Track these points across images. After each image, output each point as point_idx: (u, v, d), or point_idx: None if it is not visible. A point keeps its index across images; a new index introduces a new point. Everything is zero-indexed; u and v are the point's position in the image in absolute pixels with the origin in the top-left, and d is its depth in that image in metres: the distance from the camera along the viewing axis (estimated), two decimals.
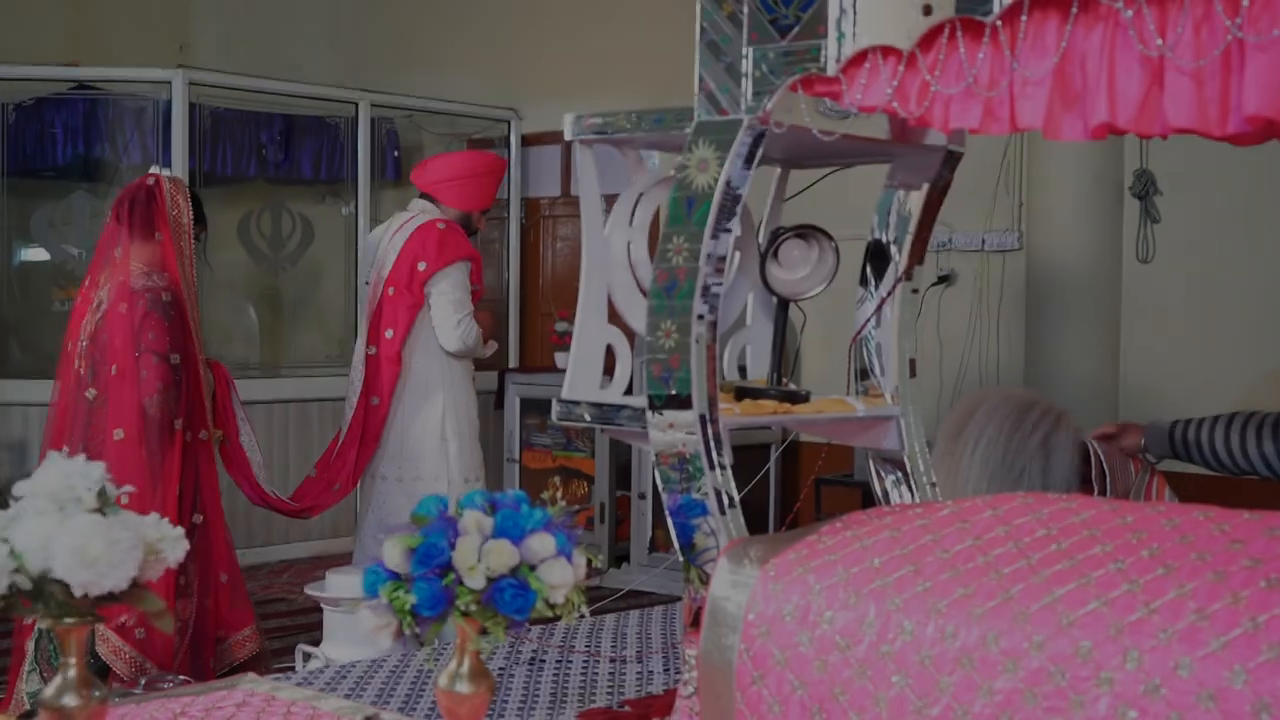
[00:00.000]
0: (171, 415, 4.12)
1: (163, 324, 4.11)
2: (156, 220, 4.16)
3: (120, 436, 4.07)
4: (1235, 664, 1.79)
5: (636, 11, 7.88)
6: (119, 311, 4.10)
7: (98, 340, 4.12)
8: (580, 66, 8.26)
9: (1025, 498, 2.23)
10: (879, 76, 2.17)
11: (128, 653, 4.10)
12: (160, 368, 4.10)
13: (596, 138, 2.59)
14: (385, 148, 8.50)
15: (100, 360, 4.11)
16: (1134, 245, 6.25)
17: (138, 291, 4.12)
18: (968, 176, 6.32)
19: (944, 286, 6.86)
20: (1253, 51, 1.86)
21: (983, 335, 6.77)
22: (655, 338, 2.34)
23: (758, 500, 6.92)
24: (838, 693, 2.08)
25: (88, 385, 4.12)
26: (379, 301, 5.06)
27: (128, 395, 4.07)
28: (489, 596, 2.22)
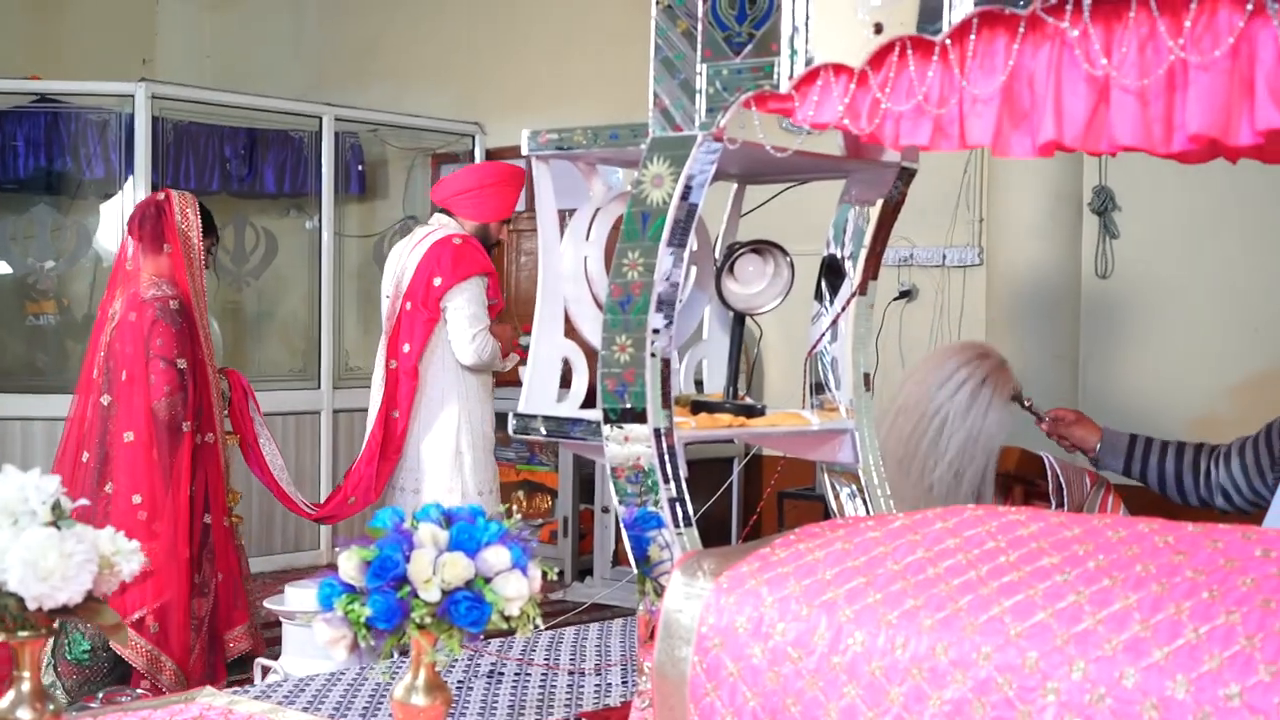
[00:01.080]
0: (180, 418, 4.28)
1: (170, 330, 4.28)
2: (166, 234, 4.35)
3: (130, 439, 4.25)
4: (1178, 674, 1.81)
5: (601, 27, 7.91)
6: (129, 320, 4.31)
7: (111, 350, 4.32)
8: (545, 81, 8.28)
9: (976, 510, 2.26)
10: (830, 93, 2.20)
11: (144, 647, 4.17)
12: (168, 372, 4.26)
13: (553, 153, 2.61)
14: (349, 162, 8.50)
15: (114, 368, 4.30)
16: (1093, 261, 6.31)
17: (147, 301, 4.31)
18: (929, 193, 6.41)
19: (905, 301, 6.90)
20: (1195, 71, 1.90)
21: None
22: (610, 352, 2.36)
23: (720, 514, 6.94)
24: (790, 703, 2.10)
25: (103, 392, 4.31)
26: (397, 316, 5.12)
27: (138, 400, 4.25)
28: (444, 609, 2.23)
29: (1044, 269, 6.21)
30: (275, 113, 8.14)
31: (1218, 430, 3.43)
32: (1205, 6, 1.89)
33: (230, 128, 8.09)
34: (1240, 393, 5.68)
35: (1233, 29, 1.86)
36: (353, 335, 8.49)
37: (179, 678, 4.23)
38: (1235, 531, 2.03)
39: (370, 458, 4.98)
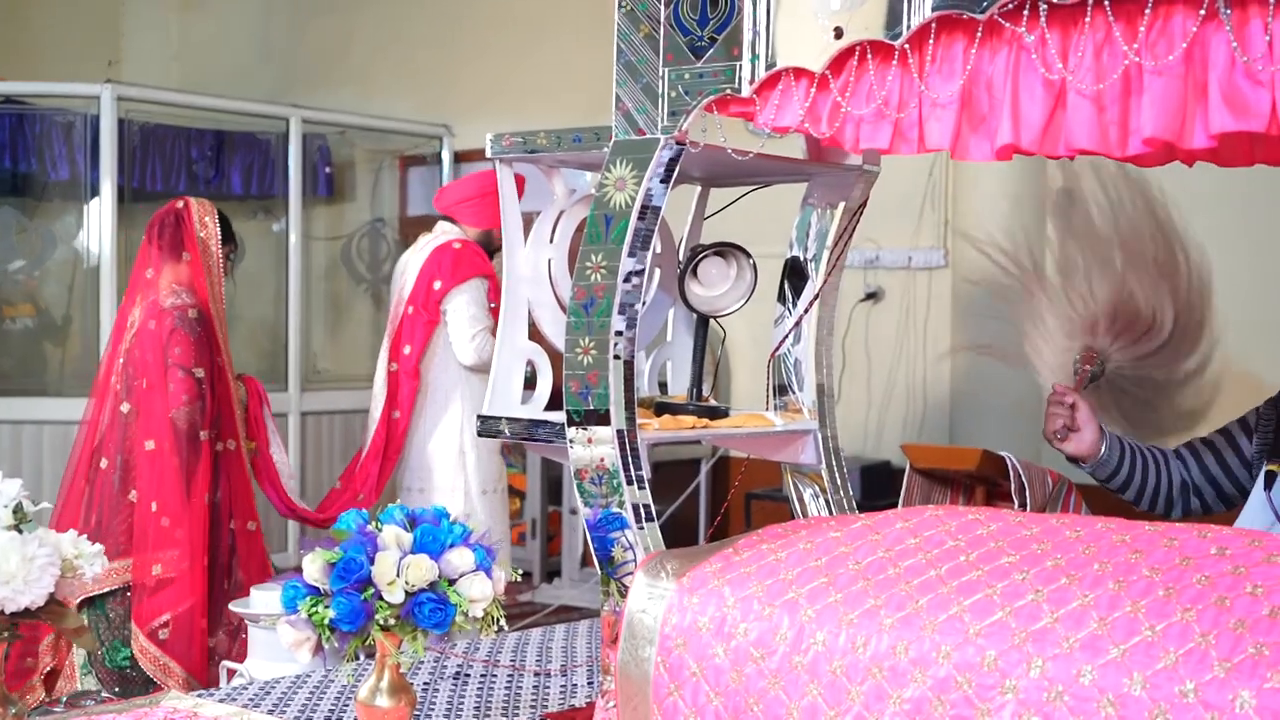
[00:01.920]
0: (198, 426, 4.31)
1: (188, 339, 4.30)
2: (185, 242, 4.39)
3: (151, 447, 4.28)
4: (1134, 671, 1.84)
5: (568, 29, 7.92)
6: (148, 329, 4.33)
7: (131, 357, 4.35)
8: (512, 84, 8.29)
9: (936, 510, 2.28)
10: (791, 97, 2.22)
11: (154, 654, 4.21)
12: (186, 381, 4.29)
13: (516, 156, 2.62)
14: (317, 164, 8.49)
15: (133, 376, 4.33)
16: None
17: (166, 309, 4.33)
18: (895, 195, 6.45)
19: (872, 303, 6.94)
20: (1150, 76, 1.92)
21: (910, 350, 6.85)
22: (574, 354, 2.38)
23: (688, 515, 6.97)
24: (752, 703, 2.11)
25: (123, 400, 4.34)
26: (399, 320, 5.23)
27: (158, 408, 4.29)
28: (408, 611, 2.24)
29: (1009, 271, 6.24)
30: (242, 114, 8.13)
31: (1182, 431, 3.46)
32: (1160, 12, 1.91)
33: (197, 129, 8.07)
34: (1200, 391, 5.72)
35: (1186, 34, 1.88)
36: (320, 338, 8.49)
37: (192, 686, 4.25)
38: (1191, 530, 2.06)
39: (374, 458, 5.09)
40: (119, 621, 4.32)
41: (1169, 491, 3.20)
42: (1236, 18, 1.84)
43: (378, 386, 5.28)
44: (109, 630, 4.33)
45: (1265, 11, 1.81)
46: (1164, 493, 3.21)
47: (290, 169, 8.07)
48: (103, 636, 4.33)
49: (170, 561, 4.26)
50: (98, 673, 4.28)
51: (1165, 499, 3.22)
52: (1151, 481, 3.20)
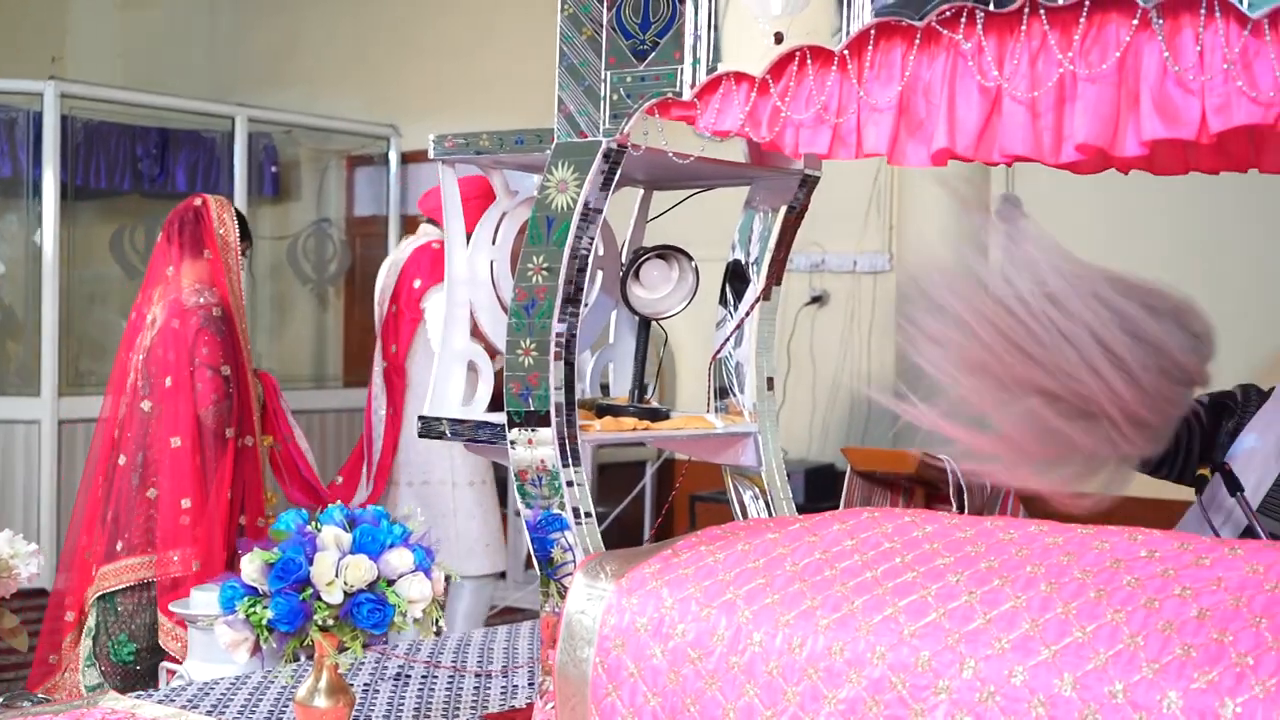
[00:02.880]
0: (225, 424, 4.38)
1: (215, 339, 4.37)
2: (205, 239, 4.43)
3: (177, 445, 4.32)
4: (1065, 672, 1.86)
5: (515, 29, 7.92)
6: (172, 327, 4.36)
7: (152, 355, 4.38)
8: (460, 84, 8.28)
9: (873, 512, 2.30)
10: (732, 101, 2.23)
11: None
12: (214, 380, 4.35)
13: (459, 157, 2.62)
14: (263, 163, 8.45)
15: (155, 373, 4.37)
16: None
17: (190, 308, 4.37)
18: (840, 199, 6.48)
19: (817, 307, 6.97)
20: (1084, 84, 1.95)
21: (855, 354, 6.88)
22: (515, 355, 2.38)
23: (634, 516, 6.98)
24: (689, 703, 2.13)
25: (144, 397, 4.38)
26: (385, 319, 5.28)
27: (183, 406, 4.33)
28: (346, 611, 2.24)
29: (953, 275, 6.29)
30: (187, 113, 8.08)
31: None
32: (1094, 21, 1.94)
33: (141, 127, 8.01)
34: None
35: (1120, 43, 1.91)
36: (265, 338, 8.44)
37: None
38: (1122, 533, 2.09)
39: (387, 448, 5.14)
40: (127, 616, 4.35)
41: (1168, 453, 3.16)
42: (1169, 27, 1.87)
43: (377, 385, 5.35)
44: (116, 624, 4.36)
45: (1197, 21, 1.84)
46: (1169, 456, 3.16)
47: (235, 168, 8.03)
48: (110, 630, 4.36)
49: (190, 559, 4.28)
50: (101, 666, 4.31)
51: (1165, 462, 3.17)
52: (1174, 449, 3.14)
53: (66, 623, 4.41)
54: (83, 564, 4.44)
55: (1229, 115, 1.83)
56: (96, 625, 4.34)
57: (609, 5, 2.35)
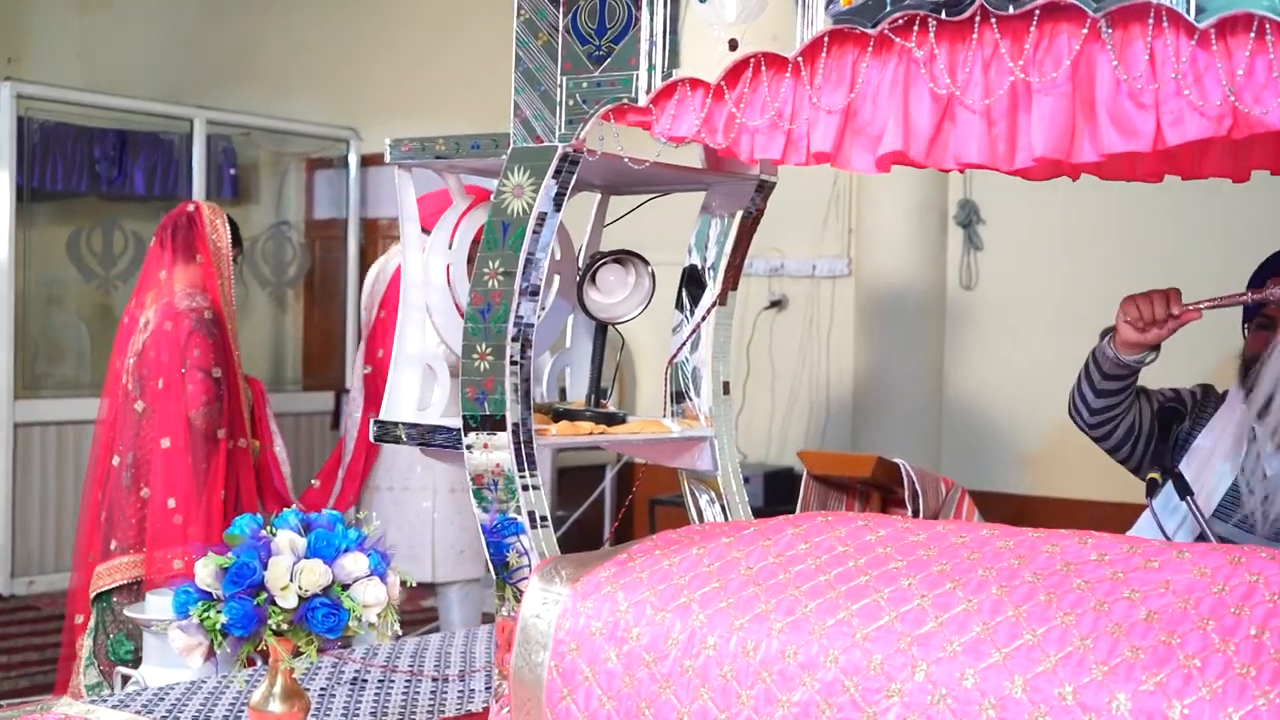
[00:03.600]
0: (215, 426, 4.45)
1: (207, 342, 4.43)
2: (197, 244, 4.50)
3: (167, 445, 4.39)
4: (1015, 674, 1.88)
5: (475, 34, 7.91)
6: (164, 330, 4.43)
7: (144, 357, 4.44)
8: (420, 88, 8.27)
9: (826, 516, 2.31)
10: (687, 108, 2.24)
11: None
12: (205, 382, 4.41)
13: (414, 162, 2.62)
14: (221, 165, 8.42)
15: (147, 375, 4.43)
16: (958, 272, 6.44)
17: (182, 311, 4.44)
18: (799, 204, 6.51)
19: (776, 311, 6.99)
20: (1038, 95, 1.96)
21: (813, 358, 6.91)
22: (471, 360, 2.39)
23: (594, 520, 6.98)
24: (644, 706, 2.13)
25: (136, 399, 4.44)
26: (373, 324, 5.28)
27: (174, 408, 4.40)
28: (301, 616, 2.24)
29: (910, 280, 6.33)
30: (145, 114, 8.04)
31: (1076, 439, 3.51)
32: (1045, 30, 1.96)
33: (99, 129, 7.97)
34: None
35: (1070, 52, 1.93)
36: None
37: None
38: (1072, 536, 2.11)
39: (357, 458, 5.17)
40: (124, 615, 4.36)
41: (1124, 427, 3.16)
42: (1119, 37, 1.89)
43: (355, 390, 5.35)
44: (114, 623, 4.42)
45: (1146, 32, 1.86)
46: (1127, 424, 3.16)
47: (194, 170, 8.00)
48: (108, 629, 4.42)
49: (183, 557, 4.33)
50: (100, 665, 4.37)
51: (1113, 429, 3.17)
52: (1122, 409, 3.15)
53: (78, 625, 4.49)
54: (86, 565, 4.52)
55: (1183, 129, 1.85)
56: (95, 625, 4.40)
57: (565, 10, 2.36)
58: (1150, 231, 5.86)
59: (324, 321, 8.84)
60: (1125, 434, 3.16)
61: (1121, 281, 5.73)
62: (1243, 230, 5.31)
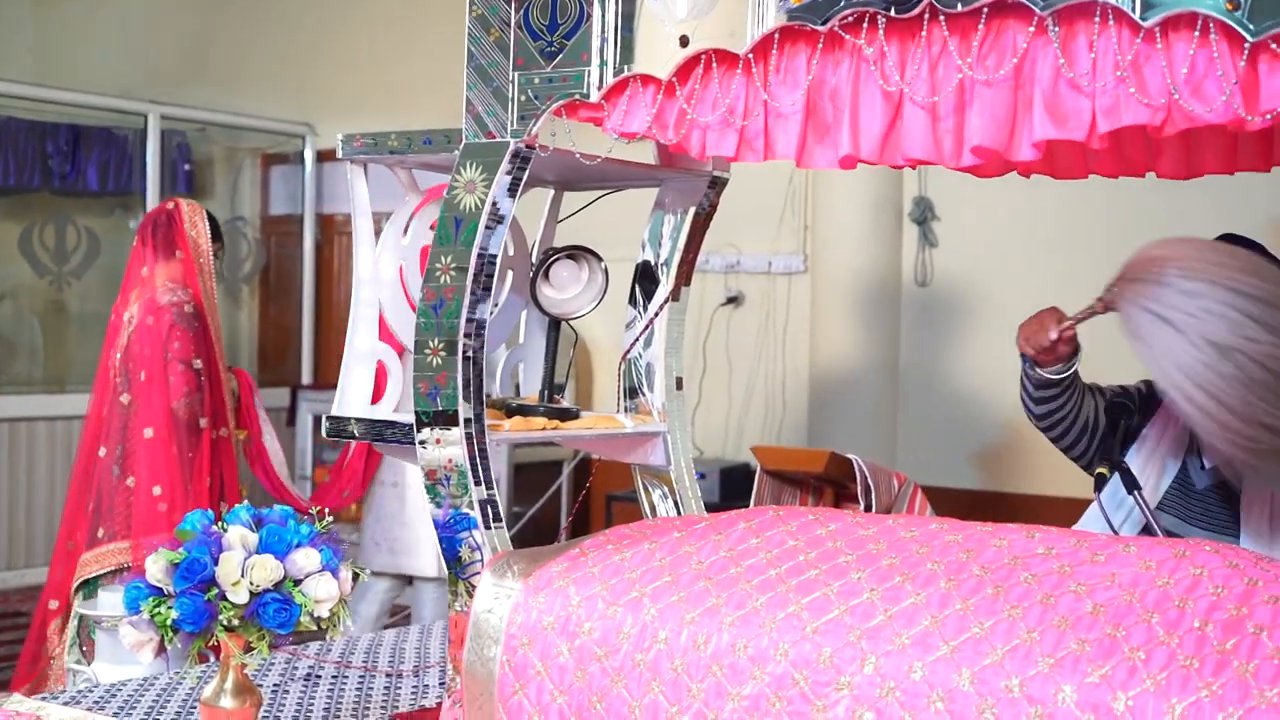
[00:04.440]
0: (198, 415, 4.55)
1: (187, 334, 4.54)
2: (177, 240, 4.61)
3: (150, 435, 4.50)
4: (963, 667, 1.89)
5: (431, 30, 7.89)
6: (147, 324, 4.55)
7: (129, 351, 4.57)
8: (376, 84, 8.24)
9: (777, 511, 2.33)
10: (639, 104, 2.25)
11: None
12: (186, 374, 4.53)
13: (366, 157, 2.62)
14: (176, 161, 8.37)
15: (132, 369, 4.55)
16: (913, 268, 6.47)
17: (164, 306, 4.56)
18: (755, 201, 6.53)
19: (732, 307, 7.01)
20: (981, 89, 1.98)
21: (770, 355, 6.93)
22: (423, 355, 2.39)
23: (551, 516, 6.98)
24: (595, 700, 2.14)
25: (122, 391, 4.55)
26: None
27: (157, 399, 4.51)
28: (252, 611, 2.24)
29: (866, 276, 6.36)
30: (99, 109, 7.99)
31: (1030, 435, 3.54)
32: (992, 27, 1.97)
33: (52, 124, 7.91)
34: None
35: (1016, 49, 1.95)
36: None
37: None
38: (1020, 530, 2.13)
39: (360, 453, 5.18)
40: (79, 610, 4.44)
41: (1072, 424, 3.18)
42: (1064, 34, 1.91)
43: None
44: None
45: (1091, 29, 1.88)
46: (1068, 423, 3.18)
47: (148, 166, 7.95)
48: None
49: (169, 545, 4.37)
50: (83, 646, 4.41)
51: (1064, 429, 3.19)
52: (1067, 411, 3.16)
53: (51, 610, 4.56)
54: (66, 555, 4.61)
55: (1118, 116, 1.87)
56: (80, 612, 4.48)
57: (517, 6, 2.36)
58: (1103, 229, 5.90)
59: (279, 317, 8.80)
60: (1080, 432, 3.19)
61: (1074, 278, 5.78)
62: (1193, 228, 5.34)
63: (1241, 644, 1.79)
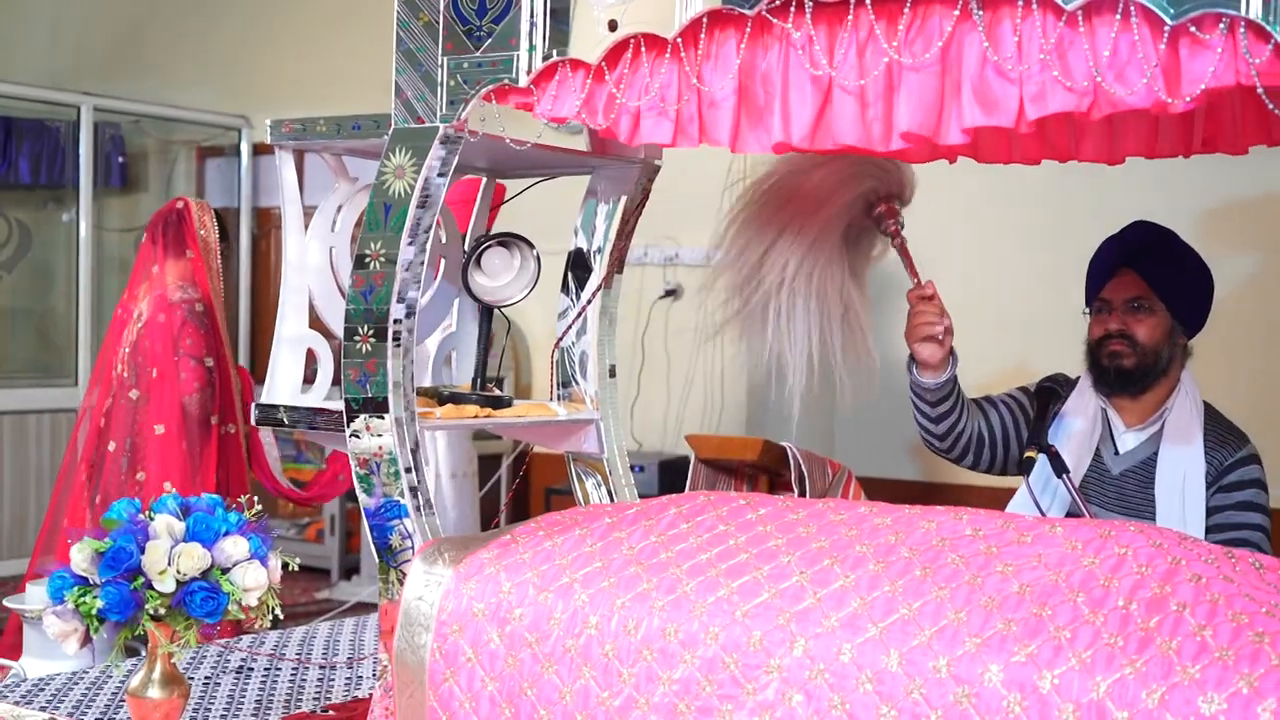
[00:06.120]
0: (208, 412, 4.62)
1: (198, 331, 4.62)
2: (187, 239, 4.69)
3: (161, 431, 4.53)
4: (892, 648, 1.90)
5: (367, 21, 7.84)
6: (158, 321, 4.61)
7: (139, 347, 4.61)
8: (314, 75, 8.18)
9: (708, 496, 2.33)
10: (568, 89, 2.24)
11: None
12: (197, 370, 4.60)
13: (295, 143, 2.61)
14: (110, 153, 8.28)
15: (141, 364, 4.60)
16: None
17: (175, 303, 4.62)
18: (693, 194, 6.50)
19: (671, 300, 7.01)
20: (908, 73, 1.99)
21: (708, 347, 6.93)
22: (353, 342, 2.37)
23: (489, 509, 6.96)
24: (526, 687, 2.13)
25: (131, 387, 4.60)
26: None
27: (168, 395, 4.56)
28: (179, 600, 2.22)
29: None
30: (30, 101, 7.89)
31: None
32: (919, 11, 1.98)
33: None
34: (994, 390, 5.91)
35: (943, 33, 1.96)
36: None
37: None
38: (948, 512, 2.14)
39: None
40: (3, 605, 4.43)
41: (969, 437, 3.23)
42: (989, 18, 1.92)
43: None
44: None
45: (1015, 13, 1.89)
46: (966, 436, 3.23)
47: (80, 158, 7.85)
48: None
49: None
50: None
51: (966, 443, 3.24)
52: (964, 422, 3.22)
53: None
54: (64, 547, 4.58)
55: (1045, 103, 1.88)
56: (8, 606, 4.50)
57: None
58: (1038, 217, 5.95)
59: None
60: (978, 444, 3.24)
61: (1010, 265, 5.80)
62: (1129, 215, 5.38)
63: (1165, 622, 1.81)
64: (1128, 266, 3.07)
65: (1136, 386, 3.05)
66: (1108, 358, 3.06)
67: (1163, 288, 3.03)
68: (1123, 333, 3.05)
